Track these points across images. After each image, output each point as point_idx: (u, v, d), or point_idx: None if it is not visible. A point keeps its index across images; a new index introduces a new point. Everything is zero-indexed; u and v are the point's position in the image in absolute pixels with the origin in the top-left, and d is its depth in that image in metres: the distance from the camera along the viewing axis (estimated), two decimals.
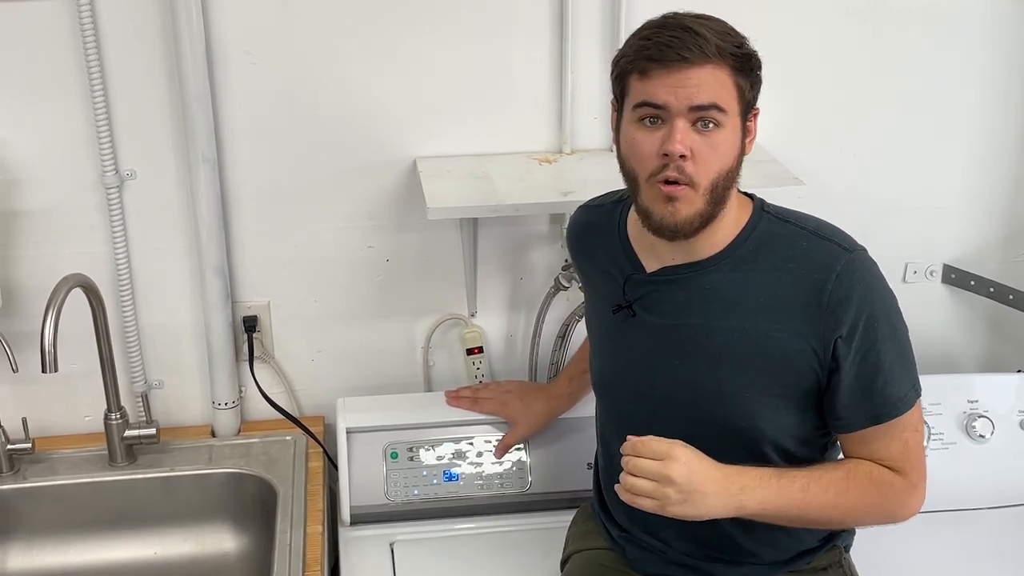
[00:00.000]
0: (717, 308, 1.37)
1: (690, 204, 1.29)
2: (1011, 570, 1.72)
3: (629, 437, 1.30)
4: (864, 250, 1.36)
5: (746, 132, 1.33)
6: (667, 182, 1.28)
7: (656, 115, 1.28)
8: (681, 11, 1.31)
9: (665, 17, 1.30)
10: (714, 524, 1.44)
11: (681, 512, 1.27)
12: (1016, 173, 2.03)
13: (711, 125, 1.27)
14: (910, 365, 1.37)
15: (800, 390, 1.36)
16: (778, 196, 1.49)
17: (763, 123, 1.90)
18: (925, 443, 1.80)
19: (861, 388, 1.34)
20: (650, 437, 1.29)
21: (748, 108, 1.32)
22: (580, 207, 1.60)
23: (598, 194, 1.58)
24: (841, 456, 1.43)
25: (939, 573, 1.70)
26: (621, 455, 1.30)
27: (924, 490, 1.39)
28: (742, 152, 1.33)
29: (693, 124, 1.27)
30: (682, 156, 1.26)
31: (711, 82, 1.26)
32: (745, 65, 1.29)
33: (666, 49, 1.25)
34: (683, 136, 1.26)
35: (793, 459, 1.40)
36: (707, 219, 1.32)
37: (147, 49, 1.70)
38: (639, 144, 1.30)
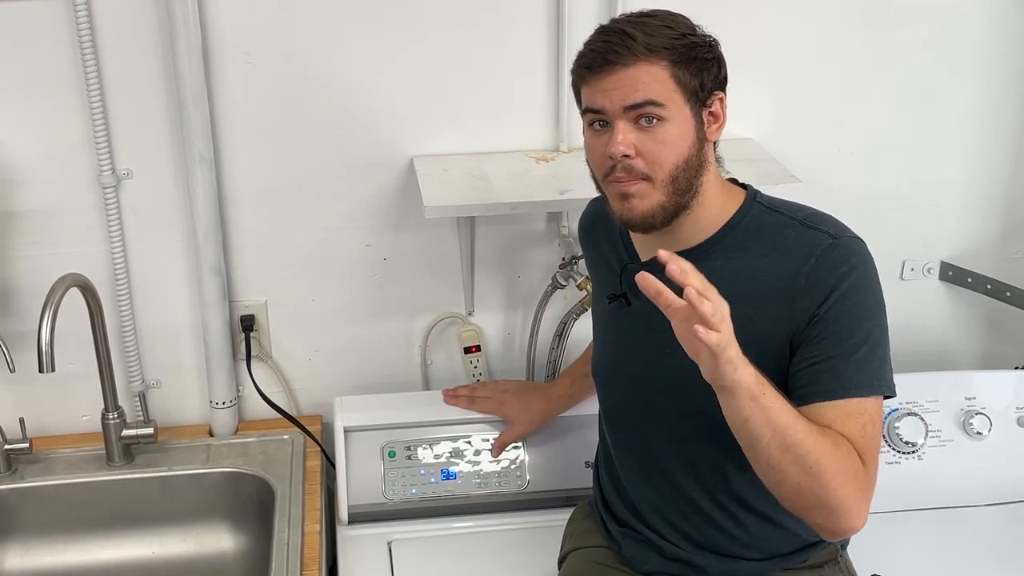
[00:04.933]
0: None
1: (647, 198, 1.32)
2: (1009, 567, 1.72)
3: (680, 265, 1.15)
4: (855, 239, 1.34)
5: (711, 119, 1.34)
6: (618, 180, 1.32)
7: (602, 119, 1.33)
8: (636, 11, 1.34)
9: (611, 21, 1.34)
10: (709, 516, 1.45)
11: (730, 356, 1.15)
12: (1013, 170, 2.03)
13: (654, 120, 1.29)
14: (879, 359, 1.32)
15: (782, 375, 1.35)
16: (776, 194, 1.49)
17: (761, 121, 1.90)
18: (922, 439, 1.82)
19: (818, 360, 1.30)
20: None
21: (699, 96, 1.32)
22: (592, 199, 1.61)
23: (598, 193, 1.59)
24: None
25: (936, 570, 1.70)
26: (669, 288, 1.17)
27: (870, 502, 1.28)
28: (701, 140, 1.33)
29: (636, 122, 1.30)
30: (626, 156, 1.30)
31: (644, 79, 1.28)
32: (684, 55, 1.30)
33: (595, 55, 1.31)
34: (623, 137, 1.30)
35: None
36: (672, 210, 1.33)
37: (144, 48, 1.70)
38: (592, 149, 1.37)
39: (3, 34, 1.66)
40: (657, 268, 1.41)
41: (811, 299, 1.31)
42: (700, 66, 1.31)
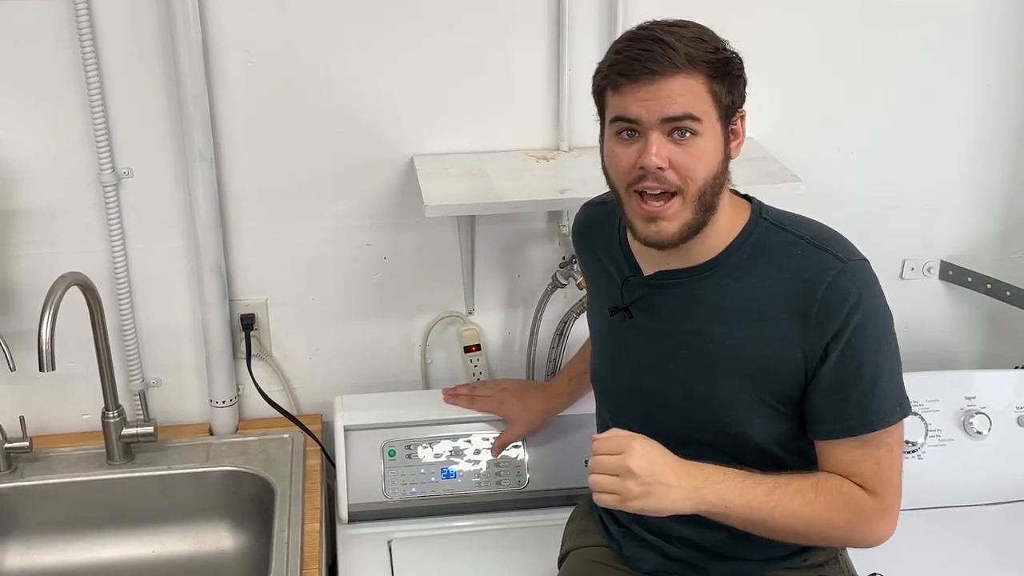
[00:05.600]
0: (710, 314, 1.37)
1: (676, 218, 1.30)
2: (1009, 566, 1.72)
3: (593, 436, 1.31)
4: (862, 260, 1.34)
5: (732, 136, 1.33)
6: (643, 194, 1.30)
7: (632, 128, 1.29)
8: (660, 19, 1.31)
9: (639, 28, 1.30)
10: (709, 518, 1.45)
11: (644, 506, 1.27)
12: (1013, 170, 2.03)
13: (688, 134, 1.27)
14: (896, 383, 1.34)
15: (788, 398, 1.36)
16: (776, 193, 1.49)
17: (761, 121, 1.90)
18: (922, 438, 1.82)
19: (838, 397, 1.32)
20: (612, 432, 1.31)
21: (729, 112, 1.31)
22: (585, 203, 1.60)
23: (599, 192, 1.58)
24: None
25: (937, 570, 1.70)
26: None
27: (896, 516, 1.36)
28: (727, 157, 1.33)
29: (670, 135, 1.27)
30: (660, 168, 1.27)
31: (683, 92, 1.26)
32: (720, 71, 1.28)
33: (635, 63, 1.26)
34: (658, 149, 1.27)
35: (783, 467, 1.39)
36: (696, 228, 1.32)
37: (144, 48, 1.70)
38: (617, 157, 1.32)
39: (3, 34, 1.66)
40: (659, 284, 1.41)
41: (822, 331, 1.31)
42: (732, 83, 1.30)
